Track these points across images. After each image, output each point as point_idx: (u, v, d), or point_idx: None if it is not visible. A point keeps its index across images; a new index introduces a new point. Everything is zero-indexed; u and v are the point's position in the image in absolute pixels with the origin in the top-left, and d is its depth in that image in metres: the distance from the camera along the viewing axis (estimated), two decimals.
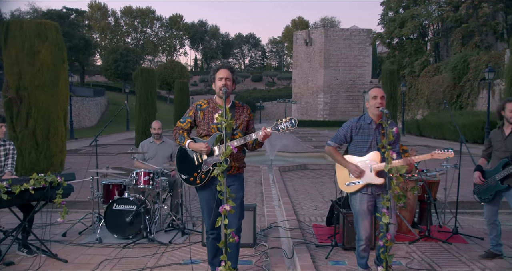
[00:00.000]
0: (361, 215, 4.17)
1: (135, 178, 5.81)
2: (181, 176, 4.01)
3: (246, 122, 4.07)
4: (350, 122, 4.29)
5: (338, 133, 4.32)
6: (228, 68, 4.03)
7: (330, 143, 4.34)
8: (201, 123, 4.02)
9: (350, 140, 4.26)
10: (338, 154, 4.29)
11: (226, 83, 3.92)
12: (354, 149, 4.25)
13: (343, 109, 55.90)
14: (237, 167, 4.03)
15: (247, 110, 4.12)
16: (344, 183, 4.26)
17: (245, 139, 3.86)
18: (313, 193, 9.14)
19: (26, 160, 9.48)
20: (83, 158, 16.06)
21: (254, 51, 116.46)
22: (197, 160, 3.92)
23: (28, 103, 9.32)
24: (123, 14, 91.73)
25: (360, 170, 4.09)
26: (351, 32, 56.48)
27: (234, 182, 3.99)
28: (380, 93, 4.10)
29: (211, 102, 4.09)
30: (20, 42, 9.25)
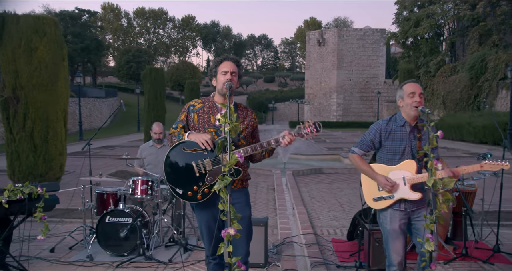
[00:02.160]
0: (392, 235, 3.45)
1: (132, 187, 5.14)
2: (176, 190, 3.21)
3: (251, 128, 3.40)
4: (378, 125, 3.53)
5: (364, 138, 3.57)
6: (234, 61, 3.34)
7: (355, 149, 3.60)
8: (196, 127, 3.31)
9: (379, 145, 3.52)
10: (364, 163, 3.55)
11: (231, 78, 3.25)
12: (383, 157, 3.52)
13: (356, 110, 55.11)
14: (241, 180, 3.33)
15: (251, 113, 3.45)
16: (371, 198, 3.52)
17: (262, 145, 3.17)
18: (330, 200, 8.43)
19: (24, 163, 8.90)
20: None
21: (266, 52, 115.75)
22: (200, 169, 3.16)
23: (25, 103, 8.74)
24: (136, 15, 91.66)
25: (391, 184, 3.37)
26: (364, 32, 55.63)
27: (238, 198, 3.24)
28: (418, 89, 3.37)
29: (207, 101, 3.39)
30: (16, 38, 8.67)
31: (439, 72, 38.78)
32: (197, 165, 3.16)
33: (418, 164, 3.39)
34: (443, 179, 2.98)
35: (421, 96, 3.35)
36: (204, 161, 3.15)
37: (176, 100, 71.01)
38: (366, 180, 3.56)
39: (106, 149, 20.57)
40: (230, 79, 3.23)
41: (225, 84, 3.17)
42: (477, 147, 22.08)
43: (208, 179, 3.15)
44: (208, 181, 3.15)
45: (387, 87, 54.93)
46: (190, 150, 3.18)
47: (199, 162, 3.16)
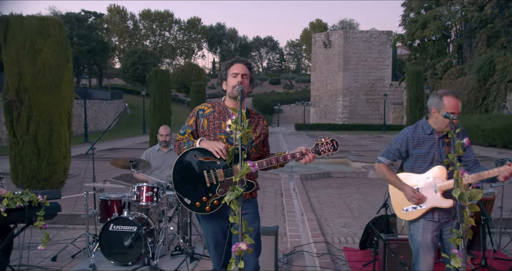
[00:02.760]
0: (423, 248, 3.24)
1: (136, 193, 4.95)
2: (183, 200, 3.02)
3: (264, 136, 3.22)
4: (405, 134, 3.35)
5: (391, 147, 3.41)
6: (245, 63, 3.15)
7: (381, 159, 3.42)
8: (205, 133, 3.12)
9: (406, 155, 3.34)
10: (390, 174, 3.37)
11: (242, 80, 3.06)
12: (412, 166, 3.33)
13: (362, 113, 54.86)
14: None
15: (263, 121, 3.26)
16: (401, 209, 3.33)
17: (278, 160, 3.01)
18: (339, 206, 8.22)
19: (27, 167, 8.73)
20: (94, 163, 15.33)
21: (272, 54, 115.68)
22: (211, 180, 2.95)
23: (29, 106, 8.57)
24: (142, 18, 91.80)
25: (419, 196, 3.18)
26: (370, 34, 55.38)
27: (247, 209, 3.02)
28: (458, 109, 3.16)
29: (218, 106, 3.19)
30: (20, 39, 8.50)
31: (446, 74, 38.54)
32: (209, 175, 2.96)
33: (448, 170, 3.21)
34: (470, 190, 2.77)
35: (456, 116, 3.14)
36: (216, 171, 2.96)
37: (181, 102, 71.01)
38: (394, 191, 3.40)
39: (111, 152, 20.44)
40: (241, 82, 3.05)
41: (235, 87, 3.00)
42: (486, 150, 21.77)
43: (219, 191, 2.96)
44: (219, 192, 2.96)
45: (393, 90, 54.67)
46: (202, 158, 2.98)
47: (211, 172, 2.96)
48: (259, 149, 3.19)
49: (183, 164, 3.02)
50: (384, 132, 41.60)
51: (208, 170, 2.96)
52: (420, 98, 19.06)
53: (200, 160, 2.98)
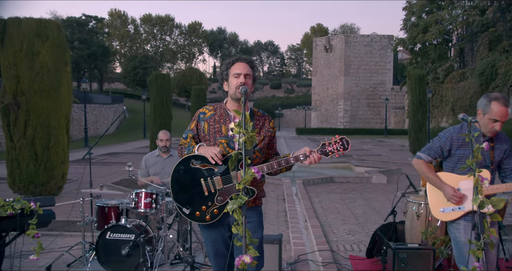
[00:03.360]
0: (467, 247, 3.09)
1: (135, 200, 4.76)
2: (182, 210, 2.86)
3: (268, 139, 2.99)
4: (449, 133, 3.22)
5: (433, 145, 3.28)
6: (247, 61, 2.94)
7: (421, 155, 3.31)
8: (206, 137, 2.94)
9: (447, 154, 3.21)
10: (430, 171, 3.24)
11: (246, 81, 2.86)
12: (453, 167, 3.21)
13: (363, 117, 54.67)
14: (254, 197, 2.93)
15: (269, 122, 3.03)
16: (438, 209, 3.21)
17: (280, 164, 2.78)
18: (344, 212, 8.03)
19: (24, 172, 8.57)
20: (93, 167, 15.11)
21: (273, 58, 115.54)
22: (209, 188, 2.79)
23: (27, 109, 8.42)
24: (143, 22, 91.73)
25: (459, 195, 3.06)
26: (372, 38, 55.28)
27: (250, 218, 2.85)
28: (503, 116, 3.05)
29: (219, 108, 2.99)
30: (18, 42, 8.35)
31: (447, 79, 38.37)
32: (206, 183, 2.80)
33: (492, 174, 3.12)
34: (491, 198, 2.60)
35: (502, 123, 3.04)
36: (214, 178, 2.79)
37: (182, 107, 70.92)
38: (432, 190, 3.28)
39: (111, 156, 20.27)
40: (244, 82, 2.84)
41: (239, 88, 2.80)
42: None
43: (218, 199, 2.79)
44: (218, 201, 2.79)
45: (394, 94, 54.52)
46: (199, 165, 2.82)
47: (208, 180, 2.80)
48: (264, 152, 2.99)
49: (180, 172, 2.87)
50: (386, 136, 41.42)
51: (206, 178, 2.81)
52: (423, 102, 18.86)
53: (197, 168, 2.83)
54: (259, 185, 2.97)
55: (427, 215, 4.59)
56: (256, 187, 2.89)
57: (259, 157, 2.93)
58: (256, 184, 2.90)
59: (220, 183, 2.78)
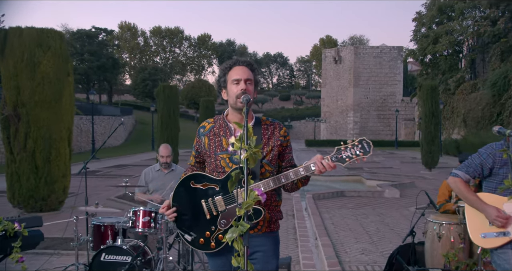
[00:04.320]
0: None
1: (132, 219, 4.42)
2: (184, 237, 2.52)
3: (278, 149, 2.56)
4: (491, 149, 2.85)
5: (472, 161, 2.92)
6: (247, 64, 2.58)
7: (458, 173, 2.94)
8: (207, 154, 2.58)
9: (488, 173, 2.83)
10: (468, 191, 2.88)
11: (247, 88, 2.49)
12: (495, 187, 2.82)
13: (373, 129, 54.19)
14: (268, 221, 2.54)
15: (279, 130, 2.61)
16: (478, 234, 2.82)
17: (287, 177, 2.38)
18: (356, 229, 7.63)
19: (24, 186, 8.29)
20: (98, 180, 14.91)
21: (282, 70, 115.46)
22: (210, 210, 2.44)
23: (27, 121, 8.16)
24: (152, 34, 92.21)
25: (504, 217, 2.67)
26: (381, 49, 55.02)
27: (262, 246, 2.48)
28: None
29: (219, 120, 2.64)
30: (19, 52, 8.13)
31: (459, 90, 37.93)
32: (207, 205, 2.45)
33: None
34: None
35: None
36: (215, 199, 2.44)
37: (191, 119, 70.89)
38: (472, 212, 2.89)
39: (118, 168, 20.01)
40: (244, 89, 2.48)
41: (240, 98, 2.44)
42: None
43: (221, 223, 2.43)
44: (222, 225, 2.43)
45: (404, 105, 54.06)
46: (200, 185, 2.49)
47: (209, 201, 2.45)
48: (275, 165, 2.58)
49: (181, 194, 2.56)
50: (396, 148, 40.90)
51: (207, 198, 2.46)
52: (436, 113, 18.43)
53: (197, 188, 2.50)
54: (274, 204, 2.57)
55: (450, 236, 4.21)
56: (270, 208, 2.53)
57: (269, 170, 2.53)
58: (270, 204, 2.53)
59: (222, 203, 2.43)
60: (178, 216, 2.55)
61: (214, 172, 2.53)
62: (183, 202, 2.53)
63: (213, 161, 2.54)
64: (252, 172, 2.37)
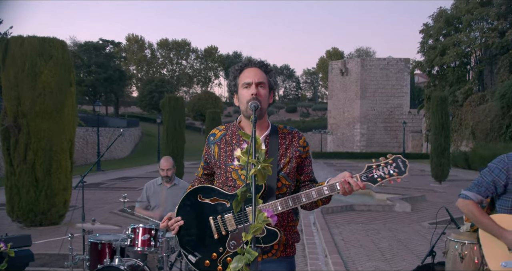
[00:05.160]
0: None
1: (131, 237, 4.13)
2: (188, 257, 2.22)
3: (297, 161, 2.28)
4: (503, 163, 2.54)
5: (483, 179, 2.59)
6: (260, 65, 2.30)
7: (469, 194, 2.60)
8: (217, 164, 2.31)
9: (503, 190, 2.52)
10: (482, 214, 2.55)
11: (258, 91, 2.21)
12: (510, 206, 2.52)
13: (380, 141, 53.82)
14: (283, 244, 2.24)
15: (298, 139, 2.33)
16: (498, 262, 2.50)
17: (309, 196, 2.08)
18: (367, 245, 7.30)
19: (24, 199, 8.04)
20: (102, 193, 14.65)
21: (288, 82, 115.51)
22: (219, 229, 2.16)
23: (27, 132, 7.94)
24: (160, 46, 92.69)
25: None
26: (388, 61, 54.86)
27: None
28: None
29: (231, 127, 2.37)
30: (20, 61, 7.93)
31: (467, 102, 37.62)
32: (216, 223, 2.16)
33: None
34: None
35: None
36: (225, 216, 2.15)
37: (197, 131, 70.87)
38: (488, 238, 2.57)
39: (122, 181, 19.75)
40: (255, 94, 2.19)
41: (249, 103, 2.16)
42: None
43: (231, 244, 2.14)
44: (231, 246, 2.14)
45: (411, 117, 53.73)
46: (208, 200, 2.20)
47: (218, 218, 2.16)
48: (293, 179, 2.28)
49: (187, 208, 2.26)
50: None
51: (216, 215, 2.17)
52: (445, 125, 18.08)
53: (205, 203, 2.21)
54: (290, 225, 2.27)
55: (473, 256, 3.89)
56: (286, 229, 2.24)
57: (286, 185, 2.23)
58: (286, 224, 2.24)
59: (233, 222, 2.14)
60: (182, 233, 2.25)
61: (225, 185, 2.24)
62: (189, 218, 2.24)
63: (223, 173, 2.26)
64: (268, 187, 2.09)
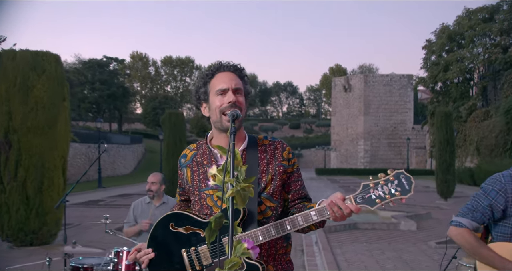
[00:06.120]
0: None
1: (114, 261, 3.82)
2: None
3: (281, 177, 1.92)
4: (499, 184, 2.18)
5: (478, 203, 2.22)
6: (235, 70, 1.98)
7: (462, 221, 2.22)
8: (190, 190, 1.99)
9: (501, 215, 2.18)
10: (481, 244, 2.20)
11: (237, 99, 1.88)
12: (510, 233, 2.18)
13: (384, 157, 53.48)
14: None
15: (282, 150, 1.98)
16: None
17: (294, 223, 1.75)
18: (371, 266, 6.95)
19: (14, 218, 7.75)
20: (100, 210, 14.32)
21: (292, 99, 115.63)
22: (192, 263, 1.83)
23: (18, 148, 7.67)
24: (163, 64, 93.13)
25: None
26: (391, 77, 54.85)
27: None
28: None
29: (202, 146, 2.04)
30: (12, 75, 7.71)
31: (471, 117, 37.43)
32: (189, 255, 1.84)
33: None
34: None
35: None
36: (199, 248, 1.83)
37: None
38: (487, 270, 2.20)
39: (122, 198, 19.43)
40: (234, 101, 1.86)
41: (224, 113, 1.84)
42: None
43: None
44: None
45: (415, 133, 53.50)
46: (182, 229, 1.88)
47: (191, 251, 1.83)
48: (279, 199, 1.93)
49: (158, 239, 1.94)
50: None
51: (189, 247, 1.85)
52: (451, 141, 17.75)
53: (178, 233, 1.88)
54: (280, 252, 1.92)
55: None
56: (275, 259, 1.90)
57: (271, 207, 1.88)
58: (274, 253, 1.89)
59: (208, 255, 1.81)
60: (152, 267, 1.93)
61: (201, 214, 1.91)
62: (160, 250, 1.92)
63: (198, 200, 1.93)
64: (249, 212, 1.76)
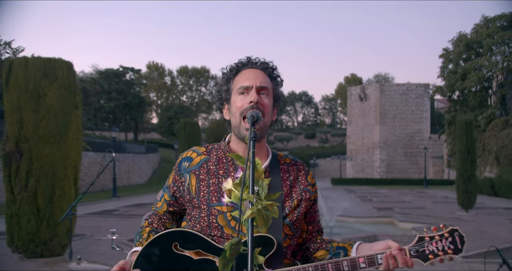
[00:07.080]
0: None
1: None
2: None
3: (307, 205, 1.71)
4: None
5: None
6: (264, 67, 1.69)
7: None
8: (194, 202, 1.64)
9: None
10: None
11: (260, 100, 1.61)
12: None
13: (400, 167, 52.87)
14: None
15: (306, 174, 1.78)
16: None
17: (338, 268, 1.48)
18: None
19: (24, 229, 7.55)
20: (114, 220, 14.14)
21: (307, 109, 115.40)
22: None
23: (29, 158, 7.49)
24: (179, 74, 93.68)
25: None
26: (407, 86, 54.38)
27: None
28: None
29: (215, 151, 1.74)
30: (23, 83, 7.55)
31: (490, 126, 36.75)
32: None
33: None
34: None
35: None
36: None
37: None
38: None
39: (137, 208, 19.23)
40: (256, 102, 1.59)
41: (245, 116, 1.57)
42: None
43: None
44: None
45: (432, 143, 52.83)
46: (191, 253, 1.52)
47: None
48: (298, 230, 1.70)
49: (151, 260, 1.53)
50: (425, 187, 39.30)
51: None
52: (472, 150, 17.26)
53: (184, 256, 1.52)
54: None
55: None
56: None
57: (289, 236, 1.63)
58: None
59: None
60: None
61: (206, 234, 1.58)
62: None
63: (205, 216, 1.60)
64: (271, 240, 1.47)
